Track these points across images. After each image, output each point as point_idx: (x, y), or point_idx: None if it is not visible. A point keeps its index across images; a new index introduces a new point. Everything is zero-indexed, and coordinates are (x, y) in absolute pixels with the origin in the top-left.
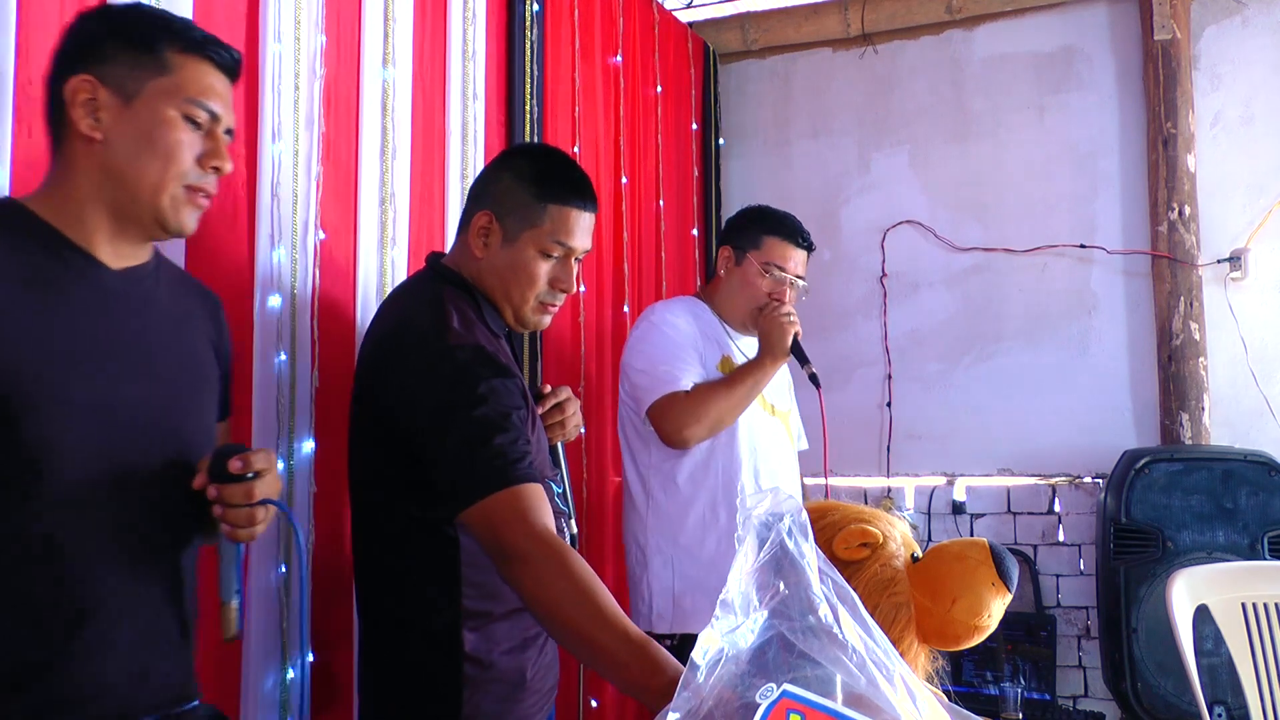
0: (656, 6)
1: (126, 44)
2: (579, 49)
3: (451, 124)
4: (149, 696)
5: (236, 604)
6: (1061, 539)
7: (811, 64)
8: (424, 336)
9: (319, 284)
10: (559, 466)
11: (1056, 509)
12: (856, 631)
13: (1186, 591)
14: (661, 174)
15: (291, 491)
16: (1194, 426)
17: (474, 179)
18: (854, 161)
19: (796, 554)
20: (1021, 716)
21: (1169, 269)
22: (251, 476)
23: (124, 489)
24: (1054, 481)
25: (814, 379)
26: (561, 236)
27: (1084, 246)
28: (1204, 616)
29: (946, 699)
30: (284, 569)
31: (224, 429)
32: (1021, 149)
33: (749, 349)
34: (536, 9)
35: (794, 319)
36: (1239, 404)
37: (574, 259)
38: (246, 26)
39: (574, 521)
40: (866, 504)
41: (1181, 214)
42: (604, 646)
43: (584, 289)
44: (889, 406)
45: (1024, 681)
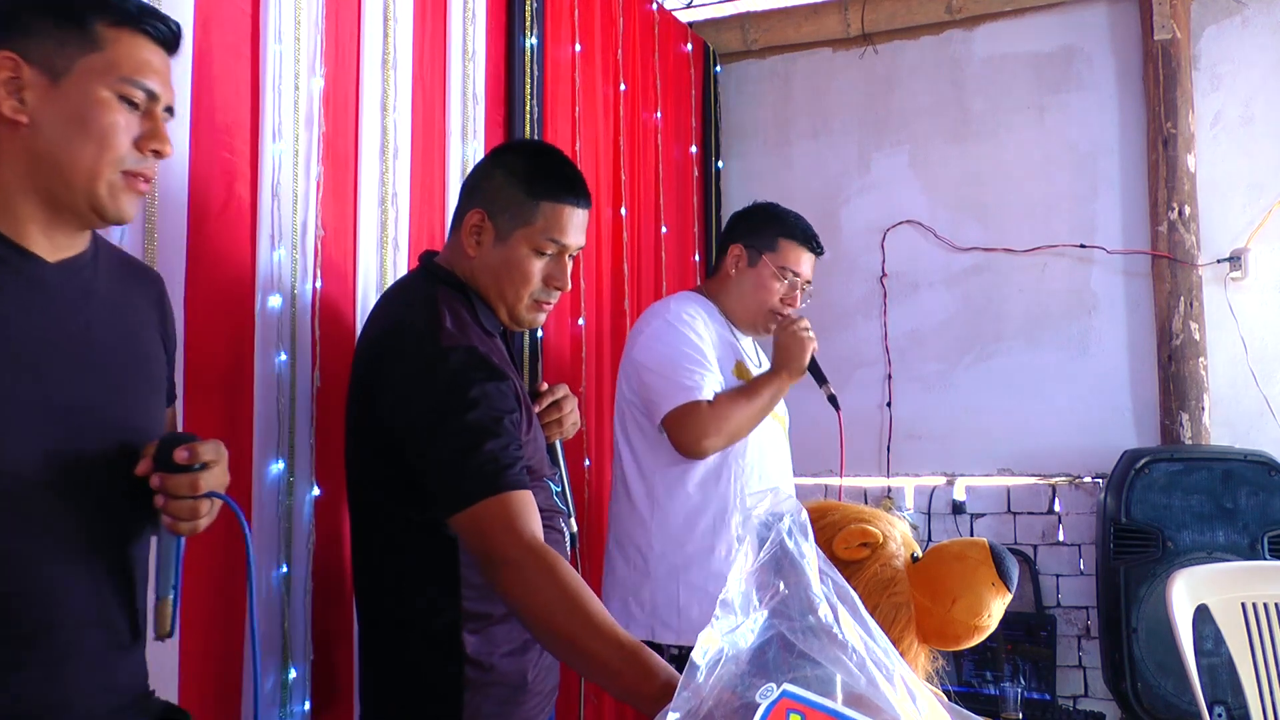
0: (656, 6)
1: (51, 16)
2: (579, 49)
3: (451, 124)
4: (111, 698)
5: (173, 599)
6: (1061, 539)
7: (811, 64)
8: (417, 338)
9: (319, 284)
10: (558, 465)
11: (1056, 509)
12: (856, 631)
13: (1186, 591)
14: (661, 174)
15: (291, 491)
16: (1194, 426)
17: (466, 175)
18: (854, 161)
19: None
20: (1021, 716)
21: (1169, 269)
22: (199, 468)
23: (77, 492)
24: (1054, 481)
25: (833, 400)
26: (555, 234)
27: (1084, 246)
28: (1204, 616)
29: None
30: (285, 569)
31: (171, 414)
32: (1021, 149)
33: (750, 349)
34: (536, 8)
35: (812, 335)
36: (1239, 404)
37: (568, 256)
38: (247, 27)
39: (574, 520)
40: (866, 504)
41: (1181, 214)
42: (596, 654)
43: (584, 288)
44: (889, 406)
45: (1024, 681)
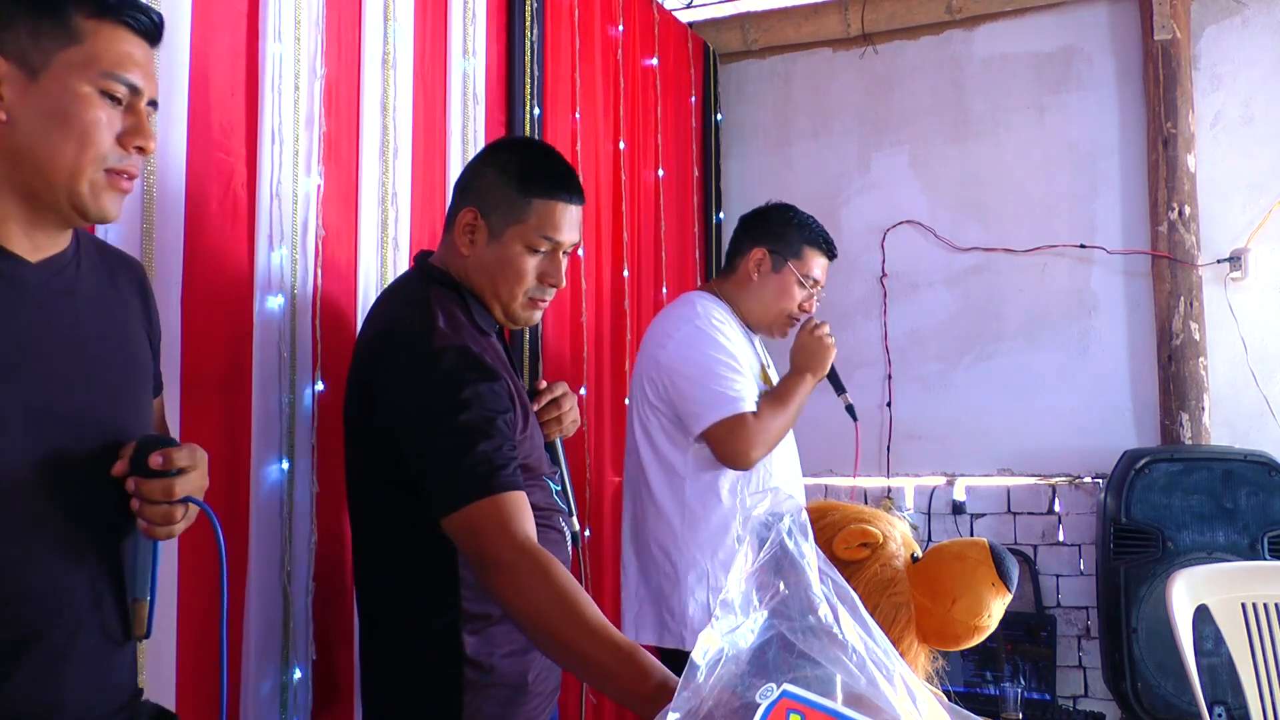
0: (656, 6)
1: (27, 8)
2: (579, 49)
3: (452, 124)
4: (104, 699)
5: (150, 601)
6: (1061, 539)
7: (811, 64)
8: (411, 339)
9: (319, 284)
10: (558, 463)
11: (1056, 509)
12: (856, 631)
13: (1186, 591)
14: (662, 175)
15: (292, 491)
16: (1194, 426)
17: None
18: (854, 161)
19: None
20: (1021, 716)
21: (1169, 269)
22: (175, 473)
23: (67, 493)
24: (1054, 481)
25: (851, 411)
26: (548, 231)
27: (1084, 246)
28: (1204, 616)
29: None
30: (286, 569)
31: (159, 405)
32: (1021, 149)
33: (761, 349)
34: (536, 8)
35: (833, 340)
36: (1239, 404)
37: (562, 253)
38: (247, 26)
39: (575, 519)
40: (866, 504)
41: (1181, 214)
42: (592, 656)
43: (585, 288)
44: (889, 406)
45: (1024, 681)
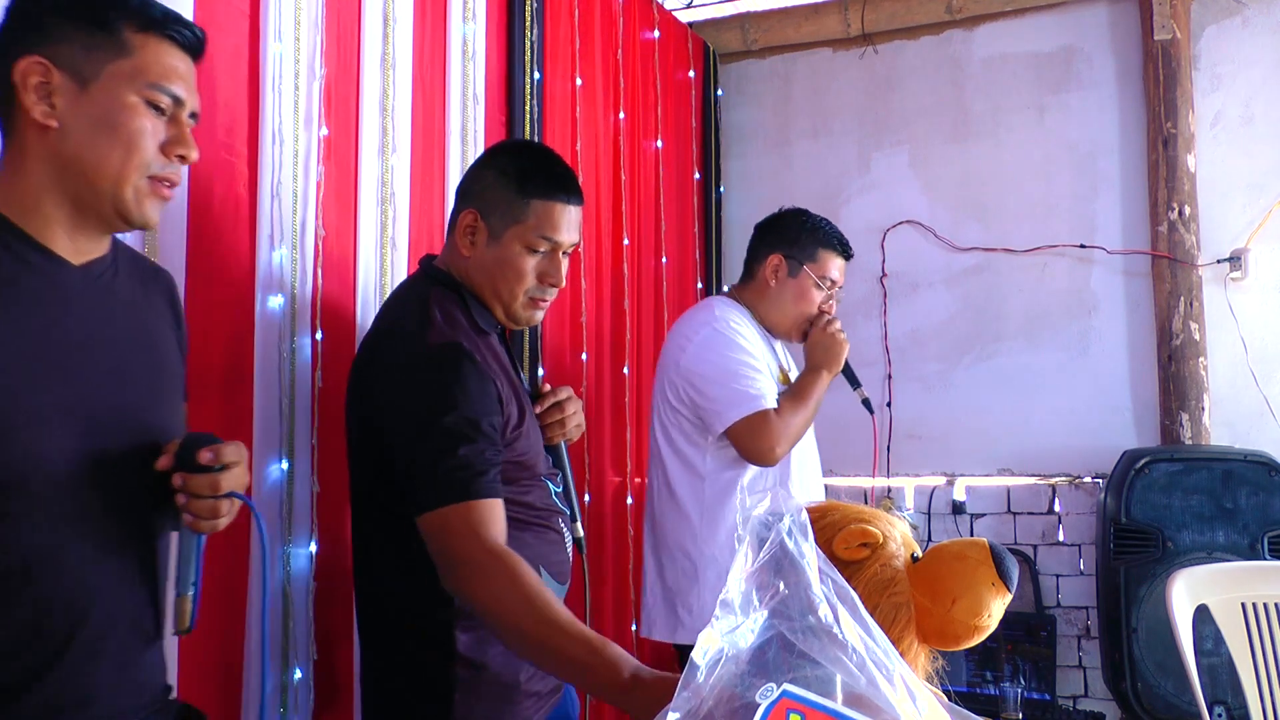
0: (656, 6)
1: (80, 22)
2: (579, 49)
3: (451, 124)
4: (133, 696)
5: (193, 595)
6: (1061, 539)
7: (811, 64)
8: (405, 340)
9: (319, 284)
10: (561, 467)
11: (1056, 509)
12: (856, 631)
13: (1186, 591)
14: (661, 174)
15: (292, 491)
16: (1194, 426)
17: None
18: (854, 161)
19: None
20: (1021, 716)
21: (1169, 269)
22: (220, 469)
23: (106, 493)
24: (1054, 481)
25: (867, 404)
26: (547, 231)
27: (1084, 246)
28: (1204, 616)
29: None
30: (285, 569)
31: (185, 410)
32: (1021, 149)
33: (782, 353)
34: (536, 8)
35: (845, 335)
36: (1239, 404)
37: (562, 253)
38: (248, 27)
39: (580, 524)
40: (866, 504)
41: (1181, 214)
42: (564, 650)
43: (585, 288)
44: (889, 406)
45: (1024, 681)
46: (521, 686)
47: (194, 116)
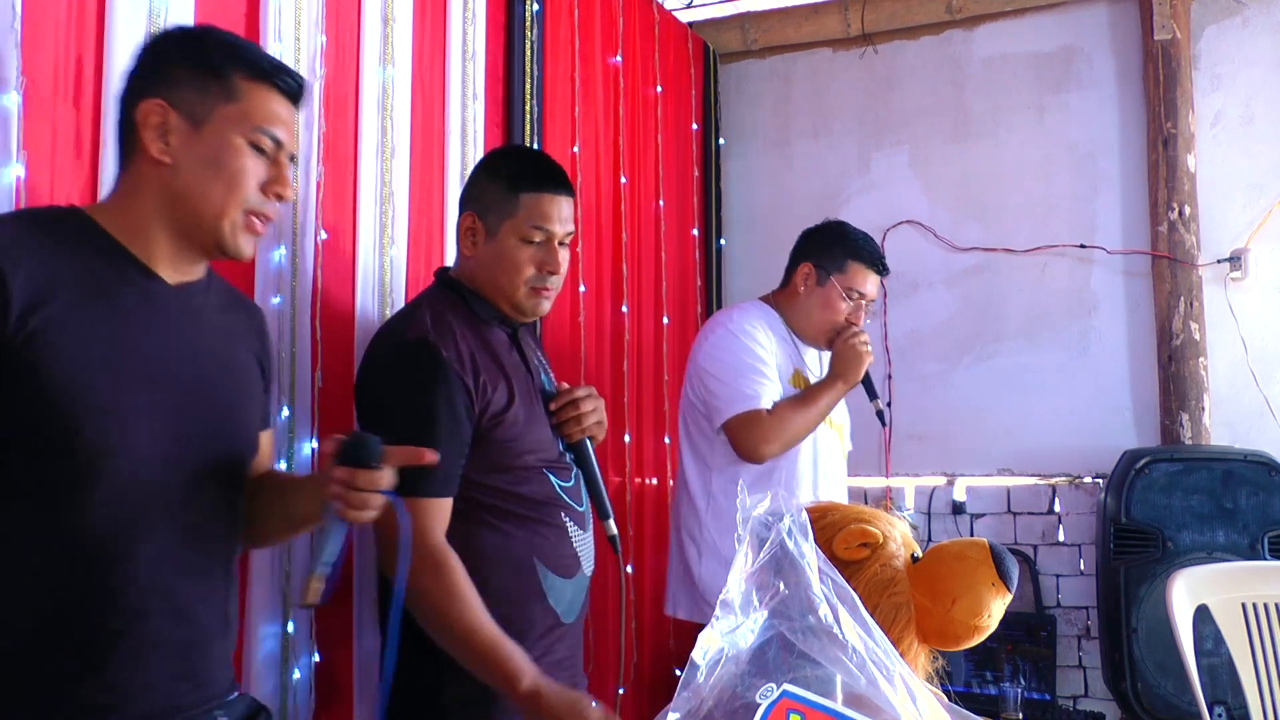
0: (656, 6)
1: (197, 69)
2: (579, 49)
3: (451, 124)
4: (194, 692)
5: (322, 576)
6: (1061, 539)
7: (811, 64)
8: (387, 339)
9: (319, 284)
10: (583, 464)
11: (1056, 509)
12: (856, 631)
13: (1186, 591)
14: (661, 174)
15: None
16: (1194, 426)
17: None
18: (854, 161)
19: (796, 554)
20: (1021, 716)
21: (1169, 269)
22: (379, 465)
23: (178, 493)
24: (1054, 481)
25: (881, 416)
26: (538, 221)
27: (1084, 246)
28: (1204, 616)
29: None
30: (287, 569)
31: (267, 438)
32: (1021, 149)
33: (814, 362)
34: (536, 9)
35: (870, 349)
36: (1239, 404)
37: (557, 243)
38: (246, 26)
39: (612, 522)
40: (866, 504)
41: (1181, 214)
42: (475, 649)
43: (584, 289)
44: (889, 406)
45: (1024, 681)
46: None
47: (292, 159)
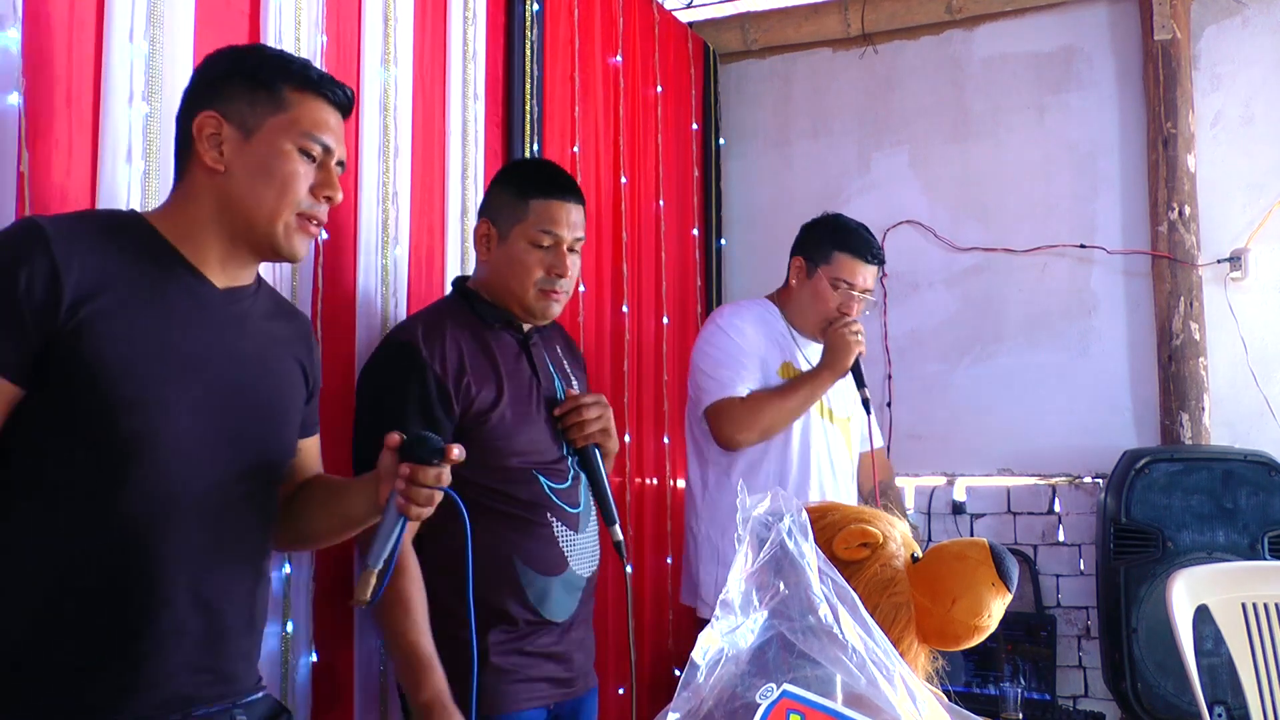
0: (656, 6)
1: (248, 83)
2: (579, 49)
3: (451, 124)
4: (214, 686)
5: (379, 571)
6: (1061, 539)
7: (811, 64)
8: (385, 339)
9: (319, 284)
10: (588, 469)
11: (1056, 509)
12: (856, 631)
13: (1186, 591)
14: (661, 174)
15: None
16: (1194, 426)
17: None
18: (854, 161)
19: (796, 554)
20: (1021, 716)
21: (1169, 269)
22: (440, 462)
23: (210, 487)
24: (1054, 481)
25: (865, 404)
26: (547, 225)
27: (1084, 246)
28: (1204, 616)
29: (946, 699)
30: (287, 569)
31: (308, 445)
32: (1021, 149)
33: (815, 356)
34: (536, 9)
35: (861, 339)
36: (1239, 404)
37: (566, 248)
38: (247, 26)
39: (618, 528)
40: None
41: (1181, 214)
42: (401, 649)
43: (584, 289)
44: (889, 406)
45: (1024, 681)
46: (490, 662)
47: (341, 165)
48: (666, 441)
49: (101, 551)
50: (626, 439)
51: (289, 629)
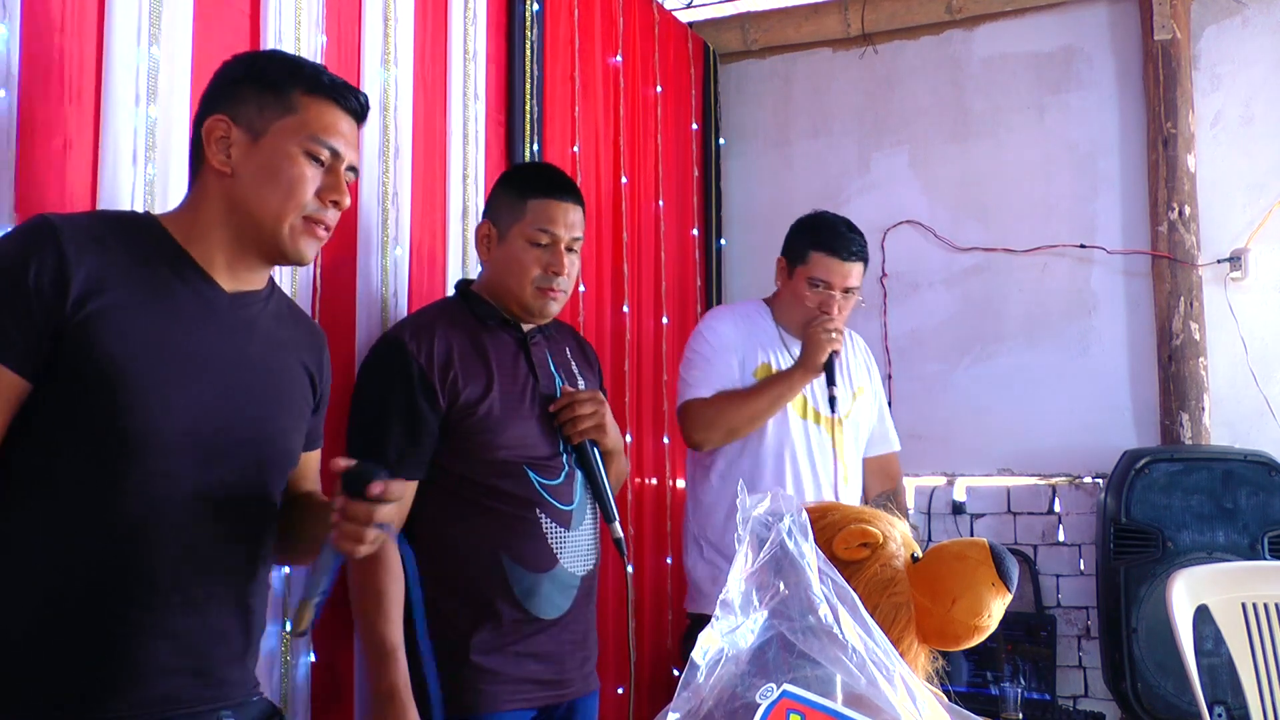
0: (656, 6)
1: (259, 87)
2: (579, 49)
3: (452, 124)
4: (203, 689)
5: (315, 603)
6: (1061, 539)
7: (811, 64)
8: (380, 337)
9: (319, 284)
10: (585, 465)
11: (1056, 509)
12: (856, 631)
13: (1186, 591)
14: (661, 174)
15: None
16: (1194, 426)
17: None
18: (854, 161)
19: (796, 554)
20: (1021, 716)
21: (1169, 269)
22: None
23: (208, 490)
24: (1054, 481)
25: (831, 403)
26: (543, 224)
27: (1084, 246)
28: (1204, 616)
29: (946, 699)
30: (287, 570)
31: (313, 458)
32: (1021, 149)
33: (787, 353)
34: (536, 9)
35: (836, 337)
36: (1239, 404)
37: (564, 247)
38: (248, 27)
39: (618, 525)
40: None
41: (1181, 214)
42: (367, 639)
43: (584, 289)
44: (889, 406)
45: (1024, 681)
46: (470, 658)
47: (353, 170)
48: (666, 441)
49: (98, 549)
50: (627, 439)
51: (289, 629)
